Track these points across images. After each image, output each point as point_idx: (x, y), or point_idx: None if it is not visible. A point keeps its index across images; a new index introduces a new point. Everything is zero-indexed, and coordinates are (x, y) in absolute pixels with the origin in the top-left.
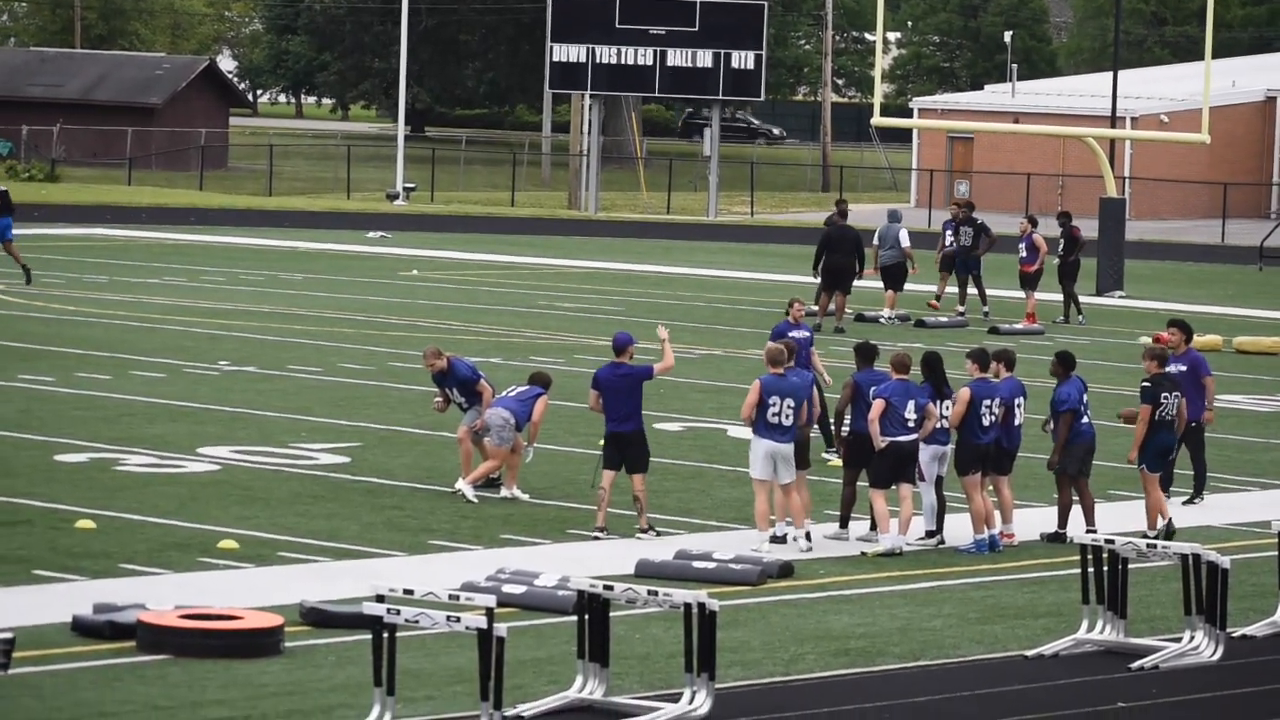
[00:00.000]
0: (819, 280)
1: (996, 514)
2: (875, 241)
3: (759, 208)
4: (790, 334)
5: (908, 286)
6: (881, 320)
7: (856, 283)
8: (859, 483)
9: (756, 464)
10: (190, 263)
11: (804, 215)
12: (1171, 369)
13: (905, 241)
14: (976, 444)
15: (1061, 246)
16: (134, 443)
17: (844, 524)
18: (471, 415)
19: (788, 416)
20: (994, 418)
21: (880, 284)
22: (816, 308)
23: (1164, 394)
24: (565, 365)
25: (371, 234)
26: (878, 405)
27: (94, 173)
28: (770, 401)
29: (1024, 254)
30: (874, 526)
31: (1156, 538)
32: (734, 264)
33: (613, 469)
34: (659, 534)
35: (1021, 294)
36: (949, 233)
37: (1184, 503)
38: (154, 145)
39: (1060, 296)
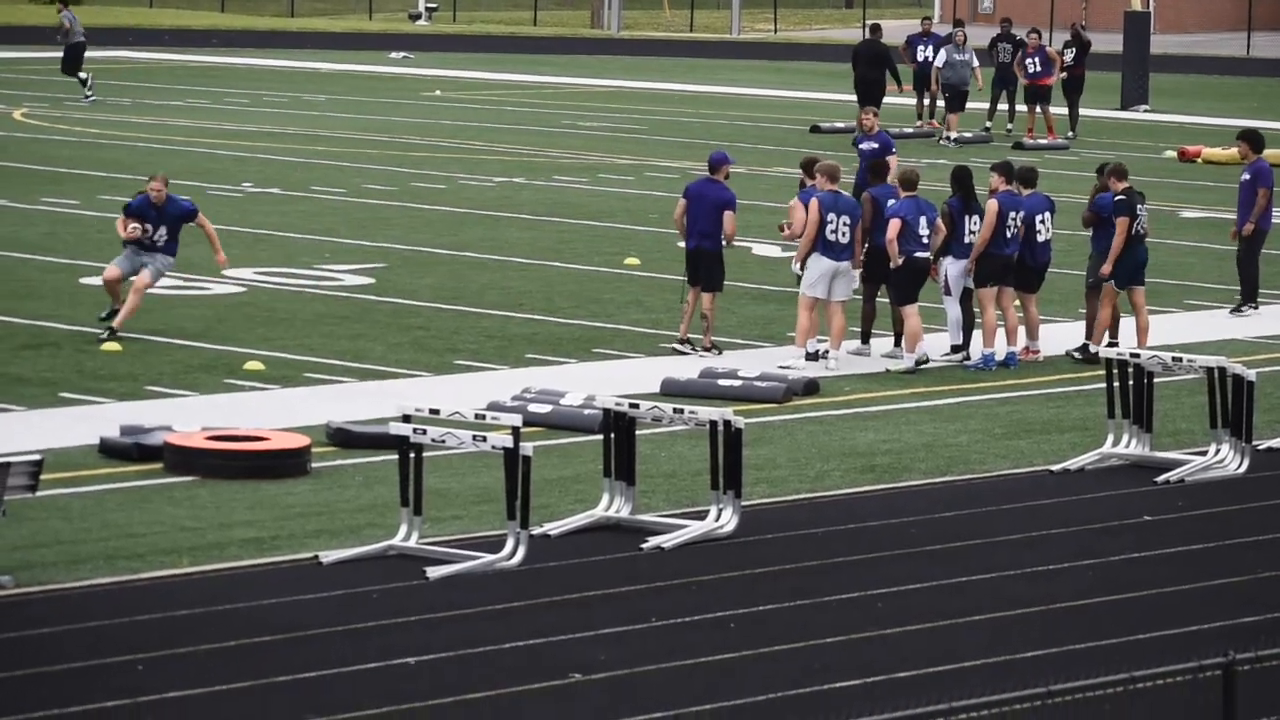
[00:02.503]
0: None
1: (1020, 330)
2: (939, 63)
3: (782, 25)
4: (861, 145)
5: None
6: (943, 142)
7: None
8: (879, 298)
9: (814, 281)
10: (213, 85)
11: (828, 32)
12: (1244, 178)
13: (940, 61)
14: (999, 255)
15: (1073, 57)
16: None
17: (865, 339)
18: (127, 259)
19: (844, 234)
20: (1015, 230)
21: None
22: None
23: (1139, 207)
24: (589, 184)
25: (394, 54)
26: (894, 224)
27: None
28: (828, 219)
29: (1039, 68)
30: (898, 342)
31: (1089, 355)
32: (757, 81)
33: (694, 284)
34: (720, 352)
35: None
36: (919, 48)
37: (1231, 311)
38: None
39: (1066, 111)
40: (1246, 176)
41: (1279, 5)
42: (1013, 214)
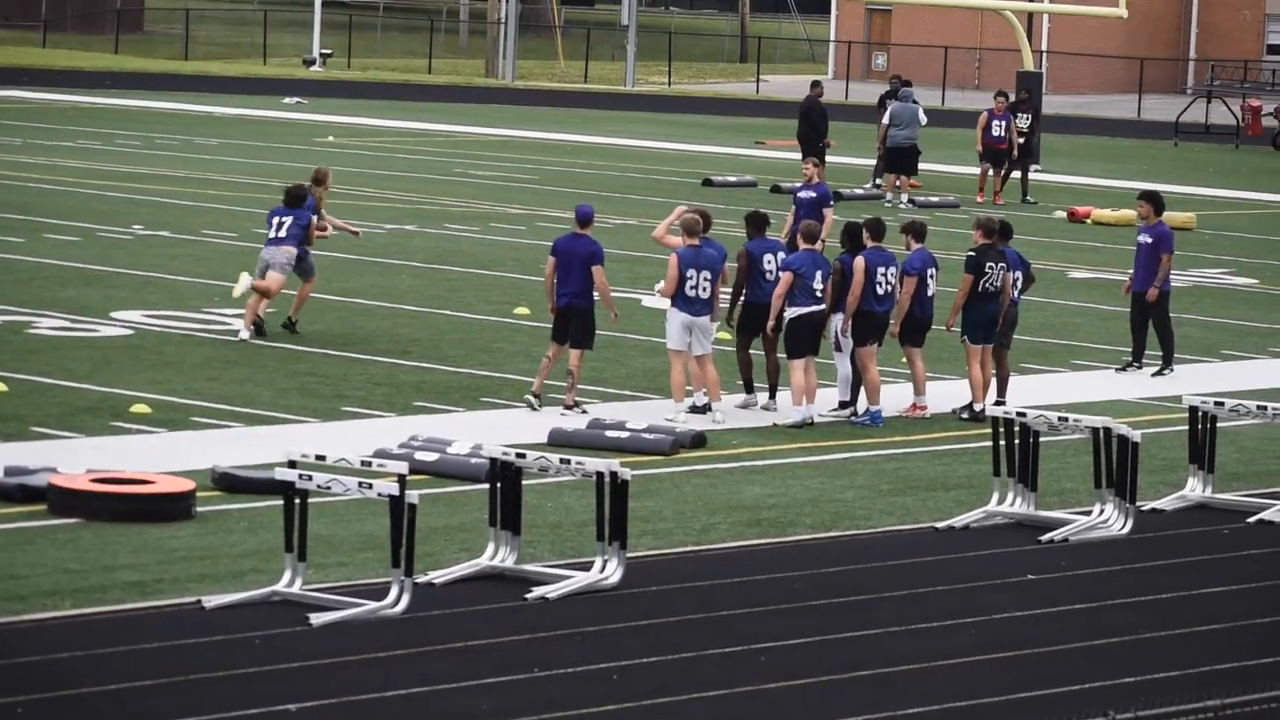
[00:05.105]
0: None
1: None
2: (886, 120)
3: (676, 78)
4: (800, 194)
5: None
6: (888, 201)
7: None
8: (770, 354)
9: (674, 335)
10: (105, 126)
11: (721, 86)
12: (1141, 239)
13: (924, 120)
14: (872, 313)
15: (1027, 124)
16: (46, 306)
17: (749, 389)
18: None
19: (704, 289)
20: (889, 287)
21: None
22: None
23: (988, 264)
24: (480, 234)
25: (287, 100)
26: (786, 279)
27: (8, 34)
28: (688, 274)
29: (1000, 132)
30: (772, 395)
31: (978, 415)
32: (650, 134)
33: (559, 342)
34: (584, 412)
35: (976, 170)
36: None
37: (1154, 374)
38: (69, 8)
39: (1018, 174)
40: (1148, 240)
41: (1169, 68)
42: (882, 269)
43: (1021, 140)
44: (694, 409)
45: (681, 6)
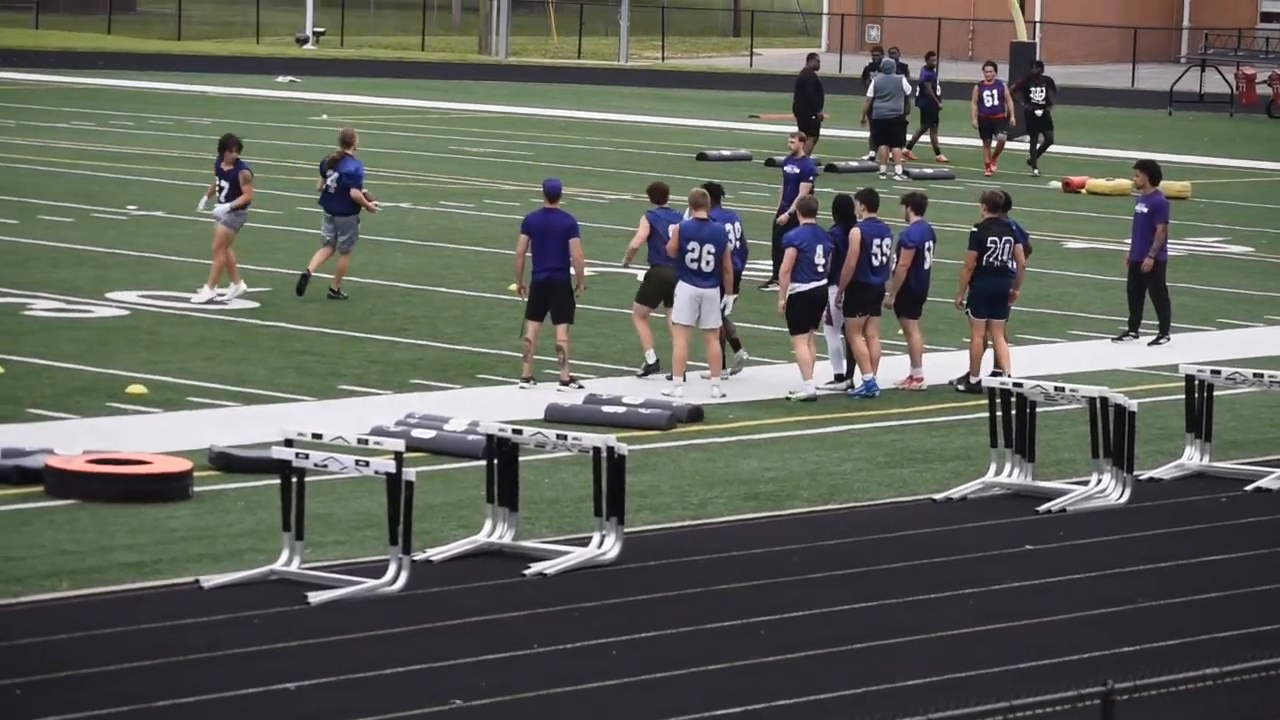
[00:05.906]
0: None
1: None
2: (870, 93)
3: (670, 53)
4: (785, 167)
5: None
6: (881, 173)
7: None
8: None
9: (680, 308)
10: (98, 107)
11: (715, 60)
12: (1138, 209)
13: (909, 90)
14: (865, 284)
15: (1043, 96)
16: (41, 287)
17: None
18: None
19: (708, 262)
20: (884, 259)
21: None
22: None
23: (990, 239)
24: (475, 210)
25: (281, 78)
26: (790, 254)
27: (0, 15)
28: (689, 247)
29: (995, 102)
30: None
31: (974, 386)
32: (644, 109)
33: (537, 319)
34: (580, 387)
35: (979, 142)
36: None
37: (1150, 343)
38: None
39: (1017, 143)
40: (1144, 209)
41: (1163, 37)
42: (877, 241)
43: (1040, 113)
44: (649, 368)
45: None
